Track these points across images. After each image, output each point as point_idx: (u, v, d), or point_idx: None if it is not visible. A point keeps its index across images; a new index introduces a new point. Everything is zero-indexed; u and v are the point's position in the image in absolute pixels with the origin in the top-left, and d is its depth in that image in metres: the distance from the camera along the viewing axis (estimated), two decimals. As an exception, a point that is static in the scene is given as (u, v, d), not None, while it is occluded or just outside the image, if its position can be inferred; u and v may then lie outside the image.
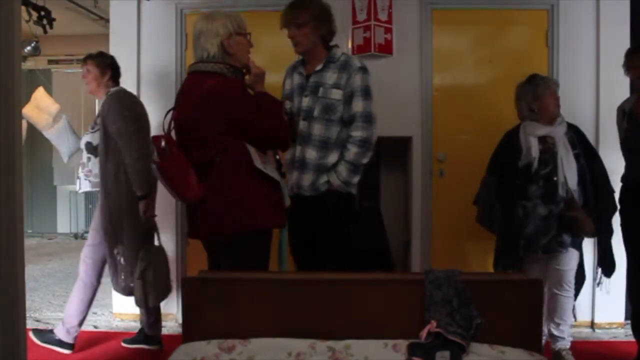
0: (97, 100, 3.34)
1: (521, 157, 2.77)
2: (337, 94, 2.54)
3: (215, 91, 2.10)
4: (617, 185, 2.85)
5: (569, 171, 2.72)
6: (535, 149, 2.74)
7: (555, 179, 2.73)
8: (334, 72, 2.57)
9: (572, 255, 2.82)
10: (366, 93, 2.56)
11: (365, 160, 2.57)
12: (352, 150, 2.53)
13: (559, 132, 2.78)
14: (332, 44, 2.65)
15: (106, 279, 4.28)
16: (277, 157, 2.35)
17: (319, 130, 2.54)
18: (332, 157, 2.54)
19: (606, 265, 2.83)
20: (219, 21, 2.18)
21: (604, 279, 2.87)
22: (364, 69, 2.57)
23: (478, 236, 2.97)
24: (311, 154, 2.54)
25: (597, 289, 3.46)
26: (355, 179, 2.57)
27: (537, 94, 2.80)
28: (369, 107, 2.56)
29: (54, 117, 5.81)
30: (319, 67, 2.59)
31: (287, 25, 2.57)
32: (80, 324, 3.14)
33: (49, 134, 5.81)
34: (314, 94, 2.56)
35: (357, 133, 2.54)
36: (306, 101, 2.57)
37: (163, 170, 2.11)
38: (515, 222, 2.76)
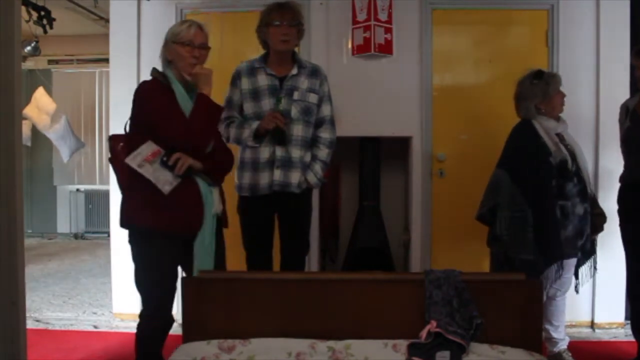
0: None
1: (552, 154, 2.59)
2: (314, 98, 2.71)
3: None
4: (615, 185, 2.85)
5: (586, 168, 2.68)
6: (562, 146, 2.62)
7: (582, 176, 2.64)
8: (305, 77, 2.72)
9: (575, 260, 2.77)
10: (330, 99, 2.82)
11: (330, 159, 2.80)
12: (324, 151, 2.76)
13: (566, 129, 2.75)
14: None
15: (106, 279, 4.30)
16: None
17: (300, 131, 2.68)
18: (308, 156, 2.74)
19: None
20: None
21: (586, 282, 2.84)
22: (326, 77, 2.82)
23: (478, 236, 2.96)
24: (297, 153, 2.67)
25: (597, 289, 3.48)
26: (323, 177, 2.82)
27: (548, 94, 2.68)
28: (333, 112, 2.82)
29: (52, 116, 5.85)
30: (294, 72, 2.70)
31: (281, 22, 2.63)
32: None
33: (50, 133, 5.85)
34: (289, 96, 2.67)
35: (327, 135, 2.76)
36: (284, 103, 2.65)
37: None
38: (553, 225, 2.55)
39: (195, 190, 2.19)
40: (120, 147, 2.18)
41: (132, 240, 2.24)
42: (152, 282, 2.21)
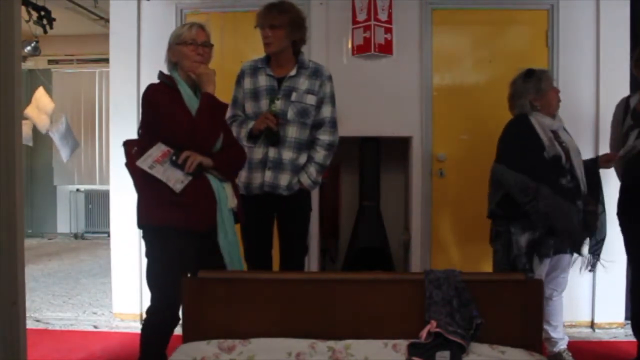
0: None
1: (546, 149, 2.60)
2: (311, 100, 2.67)
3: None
4: (615, 185, 2.84)
5: (580, 166, 2.68)
6: (556, 143, 2.63)
7: (576, 174, 2.64)
8: (305, 78, 2.69)
9: (571, 258, 2.79)
10: (333, 100, 2.75)
11: (329, 162, 2.75)
12: (321, 153, 2.70)
13: (561, 127, 2.76)
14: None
15: (106, 279, 4.30)
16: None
17: (294, 132, 2.65)
18: (303, 158, 2.69)
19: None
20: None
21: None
22: (331, 77, 2.75)
23: (478, 236, 2.97)
24: (288, 155, 2.65)
25: (597, 289, 3.48)
26: (320, 179, 2.78)
27: (541, 90, 2.69)
28: (335, 113, 2.75)
29: (51, 116, 5.86)
30: (292, 73, 2.68)
31: (262, 26, 2.63)
32: None
33: (54, 133, 5.85)
34: (286, 97, 2.65)
35: (325, 137, 2.71)
36: (279, 104, 2.63)
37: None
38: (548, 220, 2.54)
39: (207, 186, 2.22)
40: (134, 152, 2.23)
41: (146, 238, 2.28)
42: (163, 279, 2.22)
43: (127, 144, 2.29)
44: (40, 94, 5.89)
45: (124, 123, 3.63)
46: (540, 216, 2.52)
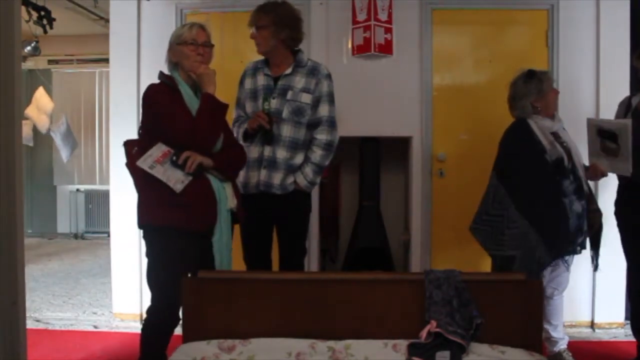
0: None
1: (547, 152, 2.60)
2: (307, 98, 2.65)
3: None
4: (614, 185, 2.84)
5: (581, 165, 2.69)
6: (557, 144, 2.64)
7: (578, 173, 2.65)
8: (302, 76, 2.67)
9: (572, 258, 2.78)
10: (332, 99, 2.71)
11: (327, 162, 2.71)
12: (318, 153, 2.66)
13: (561, 127, 2.76)
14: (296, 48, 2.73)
15: (106, 279, 4.30)
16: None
17: (288, 131, 2.63)
18: (299, 158, 2.67)
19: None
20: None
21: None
22: (330, 76, 2.72)
23: (478, 236, 2.97)
24: (282, 153, 2.63)
25: (597, 289, 3.48)
26: (318, 179, 2.73)
27: (542, 91, 2.69)
28: (333, 112, 2.71)
29: (51, 116, 5.86)
30: (288, 71, 2.67)
31: (250, 27, 2.65)
32: None
33: (56, 134, 5.85)
34: (282, 96, 2.64)
35: (323, 136, 2.67)
36: (274, 103, 2.63)
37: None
38: (556, 219, 2.58)
39: (207, 186, 2.23)
40: (134, 152, 2.23)
41: (147, 237, 2.29)
42: (164, 279, 2.22)
43: (128, 144, 2.30)
44: (40, 94, 5.89)
45: (124, 123, 3.63)
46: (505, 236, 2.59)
